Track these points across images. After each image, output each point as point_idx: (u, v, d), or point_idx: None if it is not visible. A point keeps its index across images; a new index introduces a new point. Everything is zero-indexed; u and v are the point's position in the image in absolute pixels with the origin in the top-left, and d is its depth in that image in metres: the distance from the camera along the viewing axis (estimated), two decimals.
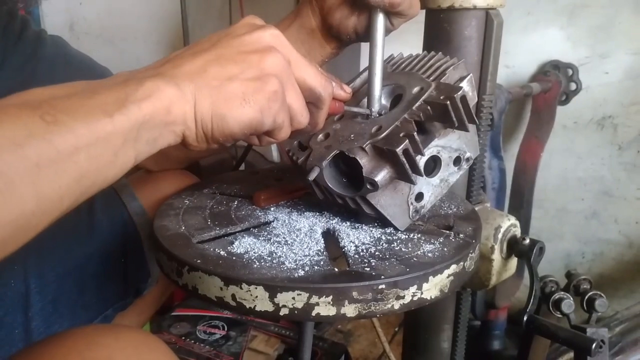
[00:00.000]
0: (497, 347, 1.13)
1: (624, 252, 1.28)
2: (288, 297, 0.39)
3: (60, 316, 0.61)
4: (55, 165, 0.30)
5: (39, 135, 0.29)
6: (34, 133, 0.29)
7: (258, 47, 0.39)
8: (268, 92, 0.38)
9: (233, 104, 0.38)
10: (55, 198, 0.31)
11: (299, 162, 0.49)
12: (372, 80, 0.49)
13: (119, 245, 0.67)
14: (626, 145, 1.22)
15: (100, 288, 0.65)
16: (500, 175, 1.07)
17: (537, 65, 1.27)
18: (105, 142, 0.32)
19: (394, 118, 0.47)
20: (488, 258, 0.65)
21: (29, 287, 0.59)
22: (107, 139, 0.32)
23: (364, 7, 0.54)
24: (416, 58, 0.54)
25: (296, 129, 0.43)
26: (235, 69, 0.38)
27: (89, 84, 0.35)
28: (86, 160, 0.31)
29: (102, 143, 0.32)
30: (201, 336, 1.16)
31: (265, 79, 0.38)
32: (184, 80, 0.36)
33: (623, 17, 1.16)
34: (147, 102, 0.34)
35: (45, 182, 0.29)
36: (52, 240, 0.63)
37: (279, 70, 0.39)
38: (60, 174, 0.30)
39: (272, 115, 0.39)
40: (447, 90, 0.46)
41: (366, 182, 0.45)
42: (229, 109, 0.37)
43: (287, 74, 0.40)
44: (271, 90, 0.39)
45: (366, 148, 0.45)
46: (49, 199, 0.30)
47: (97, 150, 0.32)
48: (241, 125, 0.38)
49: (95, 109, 0.32)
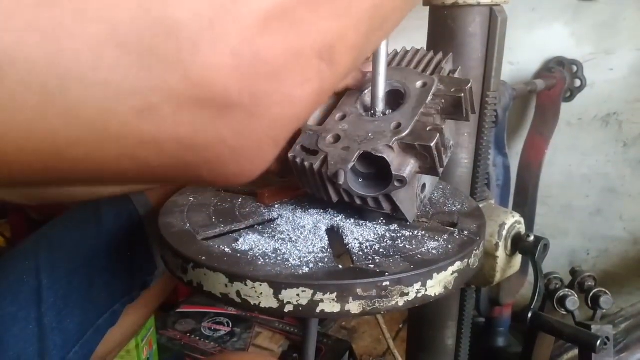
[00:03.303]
0: (501, 343, 1.13)
1: (628, 249, 1.28)
2: (292, 293, 0.39)
3: (71, 311, 0.61)
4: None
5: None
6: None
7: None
8: None
9: None
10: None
11: (315, 167, 0.48)
12: (376, 80, 0.49)
13: (125, 239, 0.67)
14: (631, 141, 1.22)
15: (108, 282, 0.65)
16: (505, 172, 1.07)
17: (542, 62, 1.26)
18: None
19: (409, 114, 0.47)
20: (492, 255, 0.65)
21: (41, 282, 0.60)
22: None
23: None
24: (403, 54, 0.55)
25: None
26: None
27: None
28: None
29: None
30: (206, 333, 1.16)
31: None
32: None
33: (628, 13, 1.15)
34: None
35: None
36: (61, 235, 0.64)
37: None
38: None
39: None
40: (456, 83, 0.48)
41: (395, 180, 0.45)
42: None
43: None
44: None
45: (393, 145, 0.45)
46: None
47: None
48: None
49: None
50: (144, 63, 0.19)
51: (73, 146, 0.20)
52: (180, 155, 0.23)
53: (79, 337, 0.61)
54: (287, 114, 0.24)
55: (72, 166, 0.21)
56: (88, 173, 0.22)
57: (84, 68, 0.18)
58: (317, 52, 0.23)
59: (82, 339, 0.62)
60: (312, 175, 0.49)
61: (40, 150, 0.20)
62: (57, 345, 0.59)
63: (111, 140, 0.21)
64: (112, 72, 0.19)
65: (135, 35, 0.19)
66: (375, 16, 0.26)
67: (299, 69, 0.23)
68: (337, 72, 0.25)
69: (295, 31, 0.22)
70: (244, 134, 0.23)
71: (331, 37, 0.23)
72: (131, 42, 0.19)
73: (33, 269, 0.60)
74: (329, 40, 0.23)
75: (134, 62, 0.19)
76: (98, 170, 0.22)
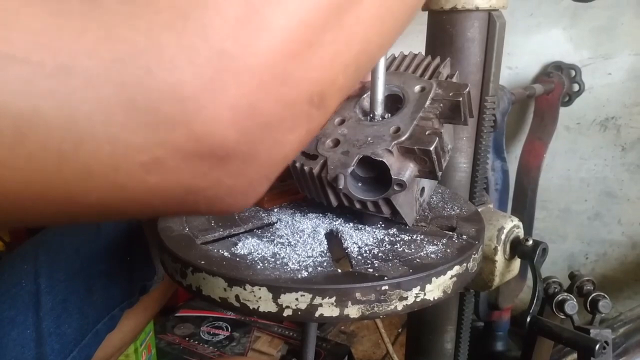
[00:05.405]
0: (500, 348, 1.13)
1: (627, 253, 1.28)
2: (291, 298, 0.39)
3: (70, 316, 0.61)
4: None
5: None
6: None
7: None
8: None
9: None
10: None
11: (314, 171, 0.48)
12: (375, 84, 0.49)
13: (124, 244, 0.67)
14: (629, 146, 1.22)
15: (107, 287, 0.65)
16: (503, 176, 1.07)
17: (540, 67, 1.27)
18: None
19: (408, 118, 0.47)
20: (491, 259, 0.65)
21: (39, 287, 0.60)
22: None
23: None
24: (401, 59, 0.56)
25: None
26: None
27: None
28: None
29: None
30: (205, 337, 1.16)
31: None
32: None
33: (626, 18, 1.16)
34: None
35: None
36: (60, 239, 0.64)
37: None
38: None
39: None
40: (454, 87, 0.48)
41: (394, 184, 0.45)
42: None
43: None
44: None
45: (392, 149, 0.45)
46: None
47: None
48: None
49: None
50: (150, 121, 0.21)
51: (85, 196, 0.22)
52: (182, 198, 0.25)
53: (77, 342, 0.61)
54: (278, 156, 0.26)
55: (82, 210, 0.23)
56: (95, 214, 0.24)
57: (96, 129, 0.20)
58: (308, 100, 0.25)
59: (81, 343, 0.62)
60: (312, 179, 0.49)
61: (55, 200, 0.22)
62: (55, 350, 0.59)
63: (120, 190, 0.22)
64: (121, 131, 0.21)
65: (143, 97, 0.20)
66: (363, 57, 0.27)
67: (290, 117, 0.25)
68: (326, 112, 0.27)
69: (287, 85, 0.23)
70: (240, 177, 0.25)
71: (321, 85, 0.25)
72: (138, 102, 0.20)
73: (31, 273, 0.60)
74: (319, 88, 0.25)
75: (141, 121, 0.21)
76: (105, 212, 0.24)
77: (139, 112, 0.20)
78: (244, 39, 0.22)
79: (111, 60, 0.20)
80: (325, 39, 0.24)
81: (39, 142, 0.19)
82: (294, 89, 0.24)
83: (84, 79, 0.19)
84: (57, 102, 0.19)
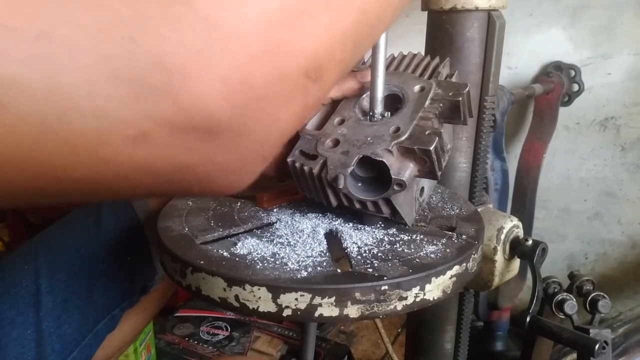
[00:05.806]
0: (500, 348, 1.13)
1: (627, 253, 1.28)
2: (291, 297, 0.40)
3: (70, 316, 0.61)
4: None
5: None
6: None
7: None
8: None
9: None
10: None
11: (314, 171, 0.48)
12: (374, 83, 0.49)
13: (125, 244, 0.67)
14: (629, 146, 1.22)
15: (107, 287, 0.65)
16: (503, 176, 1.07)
17: (540, 67, 1.27)
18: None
19: (407, 117, 0.47)
20: (491, 259, 0.65)
21: (39, 287, 0.60)
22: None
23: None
24: (400, 58, 0.56)
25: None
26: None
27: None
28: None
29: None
30: (204, 337, 1.16)
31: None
32: None
33: (625, 18, 1.16)
34: None
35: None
36: (60, 239, 0.64)
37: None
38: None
39: None
40: (453, 87, 0.48)
41: (394, 184, 0.45)
42: None
43: None
44: None
45: (392, 149, 0.45)
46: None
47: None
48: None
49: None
50: (136, 93, 0.20)
51: (70, 171, 0.21)
52: (172, 175, 0.24)
53: (78, 342, 0.61)
54: (273, 132, 0.25)
55: (68, 187, 0.22)
56: (84, 192, 0.23)
57: (80, 100, 0.19)
58: (304, 73, 0.24)
59: (81, 343, 0.62)
60: (312, 179, 0.49)
61: (39, 175, 0.21)
62: (55, 350, 0.59)
63: (107, 165, 0.22)
64: (106, 102, 0.20)
65: (127, 66, 0.19)
66: (361, 28, 0.26)
67: (285, 91, 0.23)
68: (323, 87, 0.25)
69: (281, 55, 0.22)
70: (232, 153, 0.24)
71: (318, 57, 0.24)
72: (123, 73, 0.20)
73: (32, 273, 0.60)
74: (315, 60, 0.24)
75: (127, 93, 0.20)
76: (93, 189, 0.23)
77: (124, 83, 0.20)
78: (232, 6, 0.21)
79: (94, 29, 0.19)
80: (319, 6, 0.23)
81: (20, 112, 0.18)
82: (288, 59, 0.23)
83: (66, 47, 0.18)
84: (38, 71, 0.18)
